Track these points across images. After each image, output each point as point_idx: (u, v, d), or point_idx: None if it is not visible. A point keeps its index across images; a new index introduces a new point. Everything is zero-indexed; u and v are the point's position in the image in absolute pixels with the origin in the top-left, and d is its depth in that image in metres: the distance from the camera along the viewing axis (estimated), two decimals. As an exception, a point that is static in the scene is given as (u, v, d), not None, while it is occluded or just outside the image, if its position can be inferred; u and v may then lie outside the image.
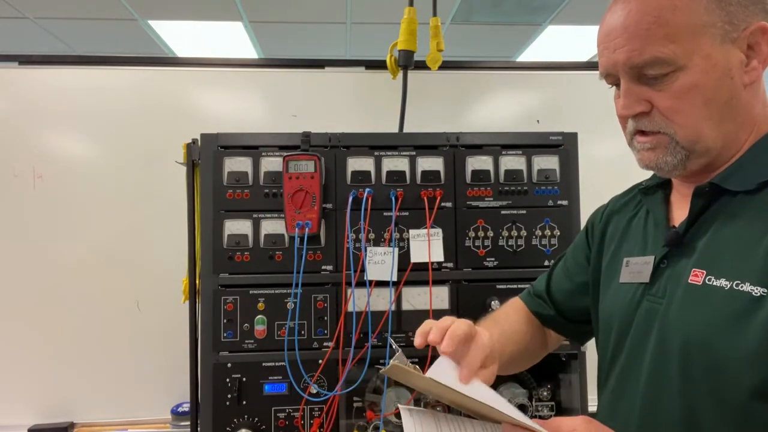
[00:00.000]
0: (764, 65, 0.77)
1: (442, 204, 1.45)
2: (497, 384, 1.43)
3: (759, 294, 0.69)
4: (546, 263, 1.46)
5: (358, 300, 1.41)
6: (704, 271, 0.76)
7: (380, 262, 1.41)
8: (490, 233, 1.46)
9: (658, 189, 0.90)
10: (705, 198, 0.79)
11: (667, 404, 0.78)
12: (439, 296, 1.44)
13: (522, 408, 1.41)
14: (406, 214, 1.45)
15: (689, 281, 0.77)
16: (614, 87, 0.84)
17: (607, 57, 0.80)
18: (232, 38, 4.75)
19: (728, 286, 0.72)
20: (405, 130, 1.68)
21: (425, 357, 1.40)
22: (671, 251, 0.82)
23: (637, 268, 0.86)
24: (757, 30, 0.75)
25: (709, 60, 0.74)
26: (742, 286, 0.71)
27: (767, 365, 0.68)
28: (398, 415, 1.37)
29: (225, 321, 1.40)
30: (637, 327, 0.85)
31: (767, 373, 0.69)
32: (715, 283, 0.74)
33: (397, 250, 1.42)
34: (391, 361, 0.88)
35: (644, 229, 0.90)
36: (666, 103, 0.77)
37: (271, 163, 1.44)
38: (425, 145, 1.48)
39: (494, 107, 2.06)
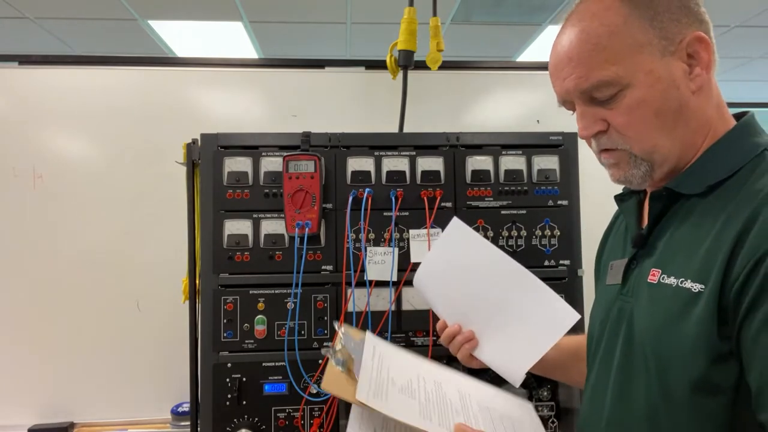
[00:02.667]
0: (708, 70, 0.80)
1: (442, 204, 1.45)
2: (498, 384, 1.43)
3: (697, 290, 0.74)
4: (546, 263, 1.46)
5: (358, 300, 1.41)
6: (660, 270, 0.81)
7: (380, 262, 1.41)
8: (490, 233, 1.46)
9: (633, 195, 0.95)
10: (662, 202, 0.84)
11: (633, 398, 0.82)
12: (439, 296, 1.44)
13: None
14: (406, 214, 1.45)
15: (648, 280, 0.82)
16: (574, 113, 0.88)
17: (559, 86, 0.85)
18: (232, 38, 4.75)
19: (675, 283, 0.77)
20: (405, 130, 1.68)
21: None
22: (638, 252, 0.87)
23: (616, 270, 0.92)
24: (693, 40, 0.79)
25: (652, 75, 0.78)
26: (685, 283, 0.76)
27: (703, 359, 0.73)
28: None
29: (225, 321, 1.40)
30: (610, 325, 0.90)
31: (704, 367, 0.73)
32: (666, 281, 0.79)
33: (397, 250, 1.42)
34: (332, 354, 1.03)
35: (624, 233, 0.96)
36: (619, 120, 0.81)
37: (271, 163, 1.44)
38: (425, 145, 1.48)
39: (494, 107, 2.06)
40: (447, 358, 1.43)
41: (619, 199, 0.98)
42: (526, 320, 1.10)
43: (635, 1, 0.79)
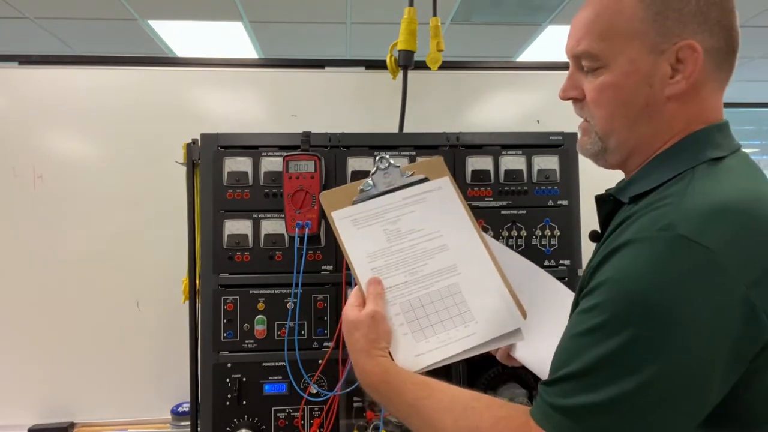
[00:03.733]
0: (689, 81, 0.80)
1: (442, 204, 1.45)
2: (498, 384, 1.43)
3: (579, 287, 0.83)
4: (546, 263, 1.46)
5: (358, 300, 1.41)
6: None
7: (380, 262, 1.41)
8: (490, 233, 1.46)
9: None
10: (609, 205, 0.88)
11: None
12: (439, 296, 1.43)
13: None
14: (406, 214, 1.45)
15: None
16: None
17: (566, 44, 0.91)
18: (232, 38, 4.75)
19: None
20: (405, 130, 1.68)
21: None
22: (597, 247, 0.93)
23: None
24: (684, 46, 0.79)
25: (632, 64, 0.81)
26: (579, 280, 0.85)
27: None
28: None
29: (225, 321, 1.40)
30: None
31: None
32: None
33: (397, 250, 1.42)
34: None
35: None
36: (591, 95, 0.86)
37: (271, 163, 1.44)
38: (425, 145, 1.48)
39: (494, 107, 2.06)
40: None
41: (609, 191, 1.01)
42: (553, 314, 1.07)
43: None
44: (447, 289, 1.01)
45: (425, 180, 1.11)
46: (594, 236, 0.93)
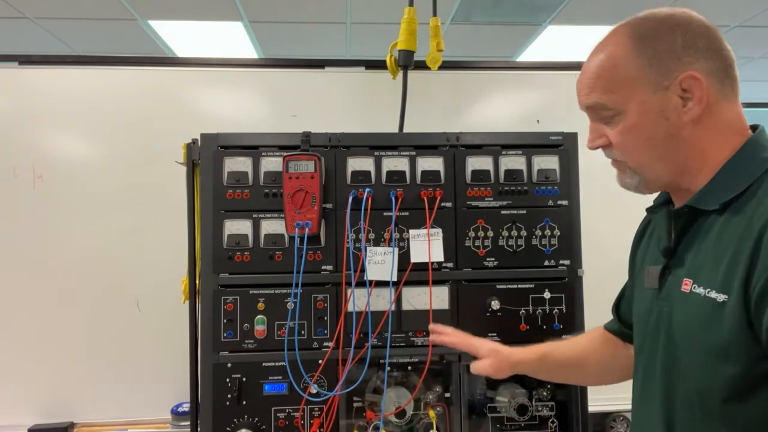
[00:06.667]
0: (701, 105, 0.89)
1: (442, 204, 1.45)
2: (498, 384, 1.43)
3: (721, 300, 0.84)
4: (546, 263, 1.46)
5: (358, 300, 1.41)
6: (691, 280, 0.90)
7: (380, 262, 1.41)
8: (490, 233, 1.46)
9: (663, 206, 1.04)
10: (685, 217, 0.95)
11: (677, 403, 0.92)
12: (439, 296, 1.44)
13: (522, 408, 1.41)
14: (406, 214, 1.45)
15: (681, 290, 0.92)
16: None
17: (579, 99, 1.01)
18: (232, 38, 4.75)
19: (703, 293, 0.87)
20: (405, 130, 1.68)
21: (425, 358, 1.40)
22: (669, 262, 0.97)
23: (652, 276, 1.00)
24: (686, 78, 0.89)
25: (644, 105, 0.91)
26: (711, 293, 0.86)
27: (738, 366, 0.82)
28: (398, 415, 1.37)
29: (225, 321, 1.40)
30: (652, 329, 0.98)
31: (740, 373, 0.82)
32: (696, 291, 0.89)
33: (397, 250, 1.42)
34: None
35: (658, 241, 1.04)
36: (615, 139, 0.96)
37: (271, 163, 1.44)
38: (425, 145, 1.48)
39: (494, 107, 2.06)
40: (443, 358, 1.43)
41: (650, 210, 1.08)
42: None
43: (641, 41, 0.91)
44: None
45: None
46: (668, 252, 0.96)
